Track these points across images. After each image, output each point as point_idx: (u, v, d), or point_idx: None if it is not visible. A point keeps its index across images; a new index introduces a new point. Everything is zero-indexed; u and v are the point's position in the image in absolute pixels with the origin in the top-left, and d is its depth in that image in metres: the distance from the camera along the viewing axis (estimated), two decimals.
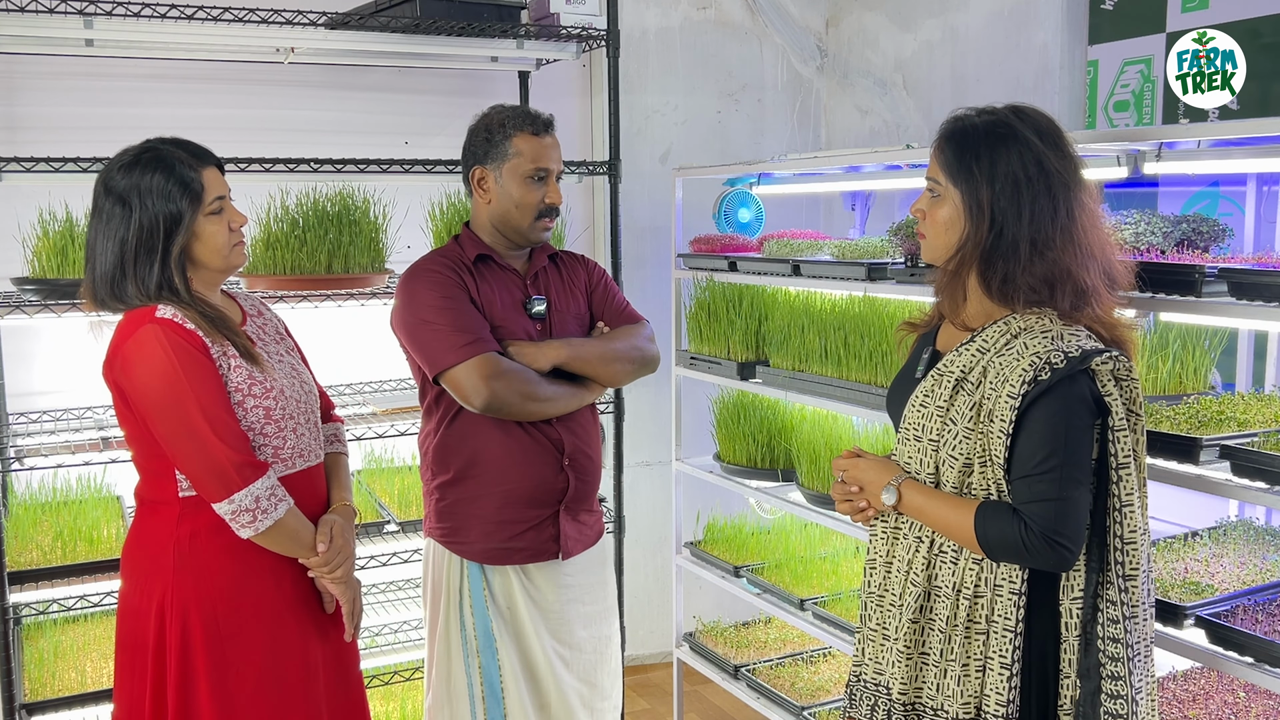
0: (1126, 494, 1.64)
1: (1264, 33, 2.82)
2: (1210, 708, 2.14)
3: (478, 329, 2.22)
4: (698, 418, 3.64)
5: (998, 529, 1.62)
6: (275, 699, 1.99)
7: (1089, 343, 1.64)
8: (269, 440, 1.99)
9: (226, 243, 1.99)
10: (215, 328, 1.94)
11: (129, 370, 1.89)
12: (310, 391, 2.14)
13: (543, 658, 2.34)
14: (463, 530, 2.33)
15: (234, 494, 1.89)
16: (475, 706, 2.32)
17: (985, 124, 1.70)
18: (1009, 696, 1.64)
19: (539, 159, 2.29)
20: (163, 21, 2.76)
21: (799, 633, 3.56)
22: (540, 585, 2.35)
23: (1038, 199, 1.65)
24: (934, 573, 1.72)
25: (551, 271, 2.42)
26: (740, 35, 4.24)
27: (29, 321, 2.66)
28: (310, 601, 2.07)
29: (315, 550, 2.02)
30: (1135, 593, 1.65)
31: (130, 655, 1.98)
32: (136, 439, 1.97)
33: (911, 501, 1.74)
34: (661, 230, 4.05)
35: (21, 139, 3.10)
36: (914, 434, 1.76)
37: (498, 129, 2.31)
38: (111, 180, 1.94)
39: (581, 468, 2.36)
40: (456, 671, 2.34)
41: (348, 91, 3.51)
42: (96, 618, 3.02)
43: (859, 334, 2.81)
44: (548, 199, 2.31)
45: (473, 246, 2.34)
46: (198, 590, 1.93)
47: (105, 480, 2.99)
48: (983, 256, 1.69)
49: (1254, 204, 2.53)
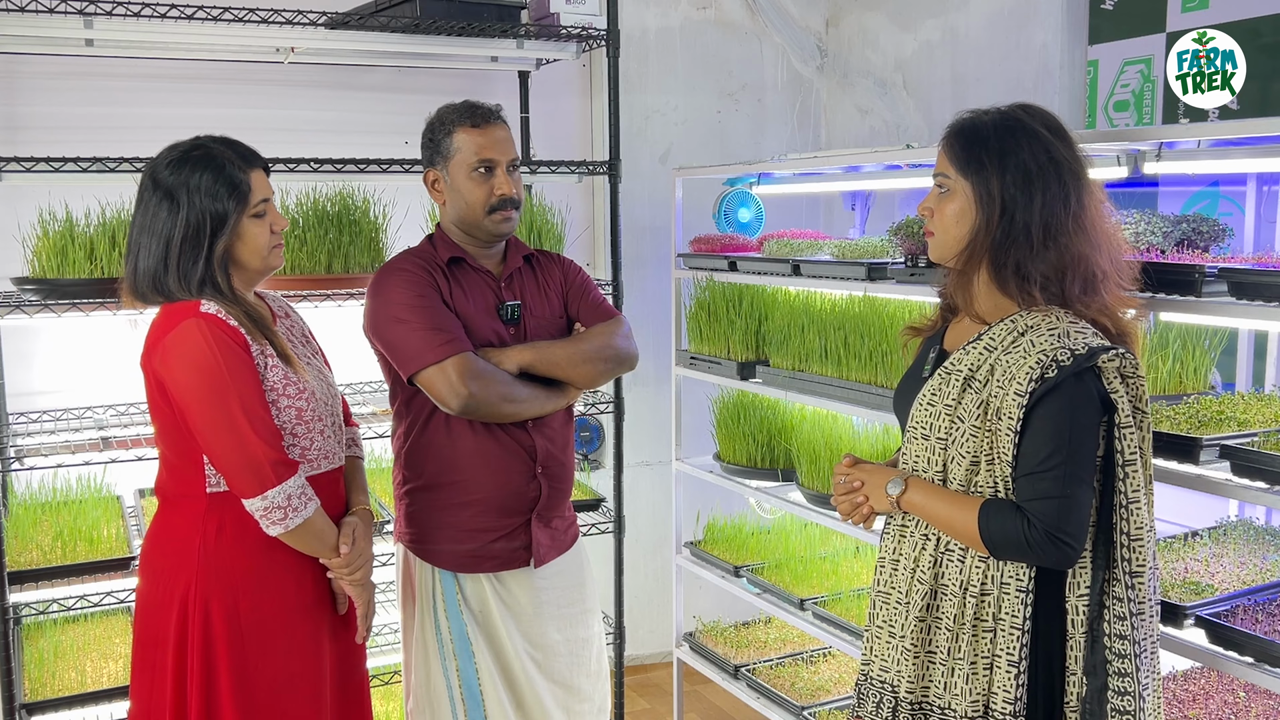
0: (1133, 491, 1.64)
1: (1264, 33, 2.82)
2: (1210, 708, 2.14)
3: (453, 329, 2.18)
4: (698, 418, 3.63)
5: (1001, 526, 1.62)
6: (291, 696, 2.01)
7: (1096, 340, 1.64)
8: (298, 440, 2.01)
9: (267, 244, 2.01)
10: (256, 326, 1.96)
11: (169, 362, 1.90)
12: (335, 395, 2.16)
13: (516, 659, 2.32)
14: (431, 538, 2.29)
15: (267, 490, 1.90)
16: (456, 709, 2.29)
17: (994, 118, 1.72)
18: (1017, 695, 1.64)
19: (481, 150, 2.23)
20: (163, 21, 2.76)
21: (799, 633, 3.56)
22: (513, 590, 2.32)
23: (1049, 186, 1.66)
24: (941, 571, 1.72)
25: (526, 273, 2.38)
26: (740, 35, 4.24)
27: (29, 321, 2.66)
28: (325, 602, 2.09)
29: (338, 551, 2.03)
30: (1142, 589, 1.65)
31: (149, 651, 1.99)
32: (168, 432, 1.98)
33: (914, 497, 1.74)
34: (661, 230, 4.05)
35: (21, 139, 3.10)
36: (921, 432, 1.76)
37: (439, 128, 2.27)
38: (159, 175, 1.95)
39: (554, 475, 2.33)
40: (435, 675, 2.31)
41: (348, 91, 3.51)
42: (96, 618, 3.02)
43: (859, 334, 2.81)
44: (497, 191, 2.23)
45: (445, 248, 2.29)
46: (221, 585, 1.95)
47: (105, 480, 2.99)
48: (994, 246, 1.69)
49: (1254, 204, 2.54)
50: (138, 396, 3.20)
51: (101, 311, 2.65)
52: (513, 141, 2.31)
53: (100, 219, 2.69)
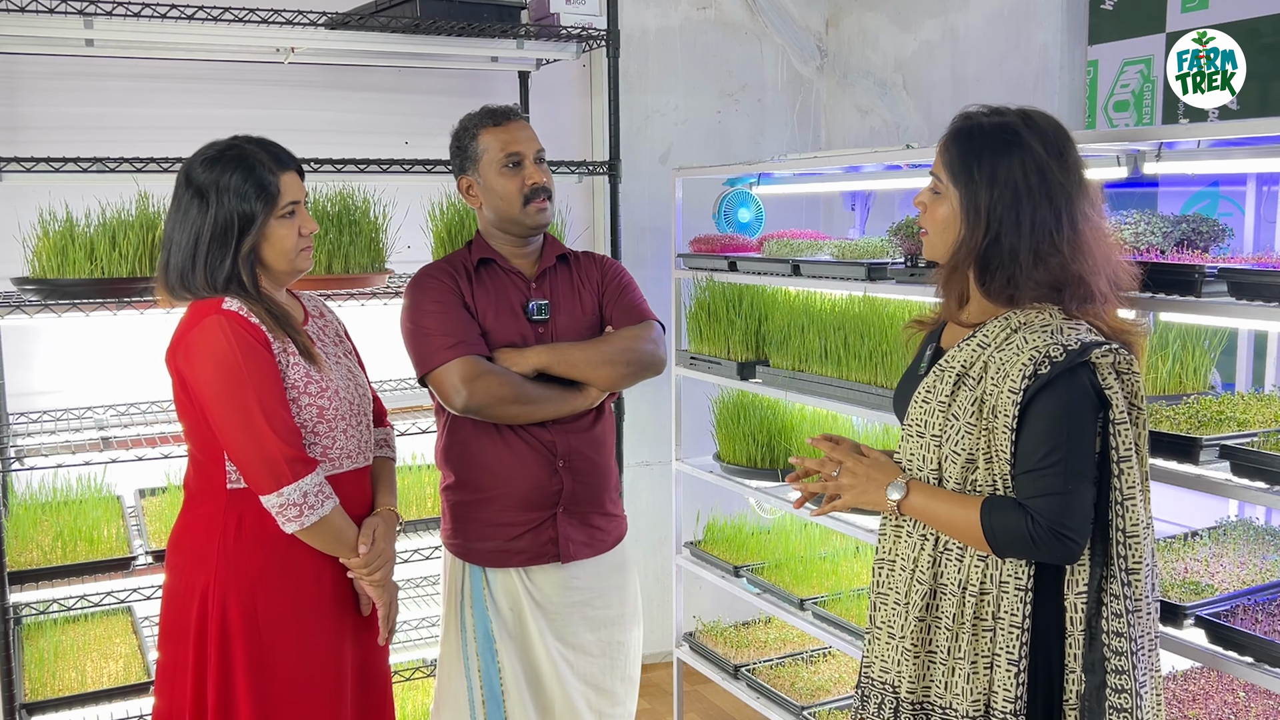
0: (1128, 488, 1.64)
1: (1264, 33, 2.82)
2: (1210, 708, 2.15)
3: (463, 332, 2.23)
4: (698, 418, 3.64)
5: (1005, 524, 1.63)
6: (307, 694, 2.01)
7: (1089, 335, 1.64)
8: (319, 439, 2.02)
9: (294, 247, 2.02)
10: (279, 324, 1.97)
11: (190, 358, 1.92)
12: (364, 395, 2.16)
13: (547, 660, 2.34)
14: (463, 533, 2.35)
15: (283, 487, 1.91)
16: (475, 709, 2.31)
17: (992, 127, 1.69)
18: (1017, 693, 1.64)
19: (507, 145, 2.29)
20: (163, 21, 2.76)
21: (799, 633, 3.56)
22: (543, 587, 2.35)
23: (1038, 208, 1.65)
24: (940, 570, 1.72)
25: (560, 272, 2.41)
26: (740, 35, 4.24)
27: (29, 321, 2.66)
28: (347, 602, 2.09)
29: (356, 551, 2.04)
30: (1138, 587, 1.65)
31: (174, 644, 2.00)
32: (193, 429, 2.00)
33: (916, 501, 1.74)
34: (661, 230, 4.05)
35: (21, 139, 3.10)
36: (916, 430, 1.77)
37: (464, 134, 2.35)
38: (193, 173, 1.97)
39: (579, 470, 2.34)
40: (457, 674, 2.34)
41: (348, 91, 3.50)
42: (96, 618, 3.02)
43: (859, 334, 2.81)
44: (529, 181, 2.30)
45: (479, 251, 2.37)
46: (239, 580, 1.96)
47: (105, 480, 2.99)
48: (978, 261, 1.69)
49: (1254, 204, 2.53)
50: (138, 396, 3.22)
51: (101, 311, 2.65)
52: (536, 136, 2.36)
53: (100, 219, 2.69)
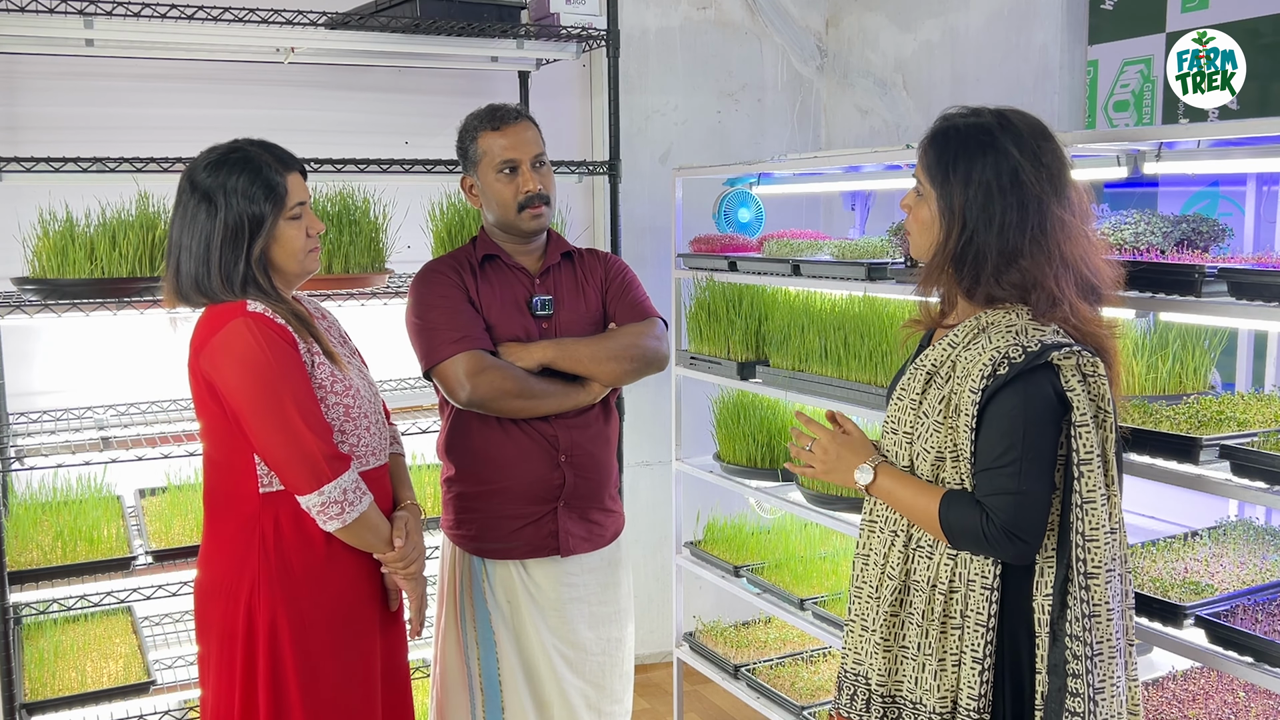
0: (1089, 490, 1.63)
1: (1264, 33, 2.82)
2: (1210, 708, 2.15)
3: (467, 327, 2.25)
4: (698, 418, 3.64)
5: (960, 518, 1.65)
6: (352, 692, 2.02)
7: (1054, 338, 1.65)
8: (347, 437, 2.02)
9: (303, 247, 2.02)
10: (303, 325, 1.98)
11: (219, 362, 1.90)
12: (377, 393, 2.18)
13: (543, 656, 2.35)
14: (464, 524, 2.37)
15: (324, 485, 1.91)
16: (475, 700, 2.34)
17: (968, 128, 1.71)
18: (980, 691, 1.65)
19: (504, 151, 2.30)
20: (163, 21, 2.76)
21: (799, 632, 3.56)
22: (540, 582, 2.36)
23: (1009, 210, 1.66)
24: (911, 567, 1.75)
25: (564, 269, 2.43)
26: (740, 35, 4.24)
27: (29, 321, 2.66)
28: (377, 598, 2.10)
29: (392, 545, 2.04)
30: (1097, 591, 1.63)
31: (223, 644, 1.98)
32: (217, 433, 1.98)
33: (883, 483, 1.77)
34: (661, 230, 4.05)
35: (21, 139, 3.10)
36: (891, 426, 1.81)
37: (466, 134, 2.36)
38: (197, 177, 1.96)
39: (580, 465, 2.36)
40: (456, 665, 2.36)
41: (348, 91, 3.51)
42: (96, 618, 3.02)
43: (859, 334, 2.81)
44: (523, 188, 2.30)
45: (484, 247, 2.39)
46: (284, 585, 1.95)
47: (105, 480, 2.99)
48: (953, 262, 1.71)
49: (1254, 204, 2.53)
50: (138, 396, 3.22)
51: (101, 311, 2.65)
52: (537, 138, 2.36)
53: (100, 219, 2.70)
